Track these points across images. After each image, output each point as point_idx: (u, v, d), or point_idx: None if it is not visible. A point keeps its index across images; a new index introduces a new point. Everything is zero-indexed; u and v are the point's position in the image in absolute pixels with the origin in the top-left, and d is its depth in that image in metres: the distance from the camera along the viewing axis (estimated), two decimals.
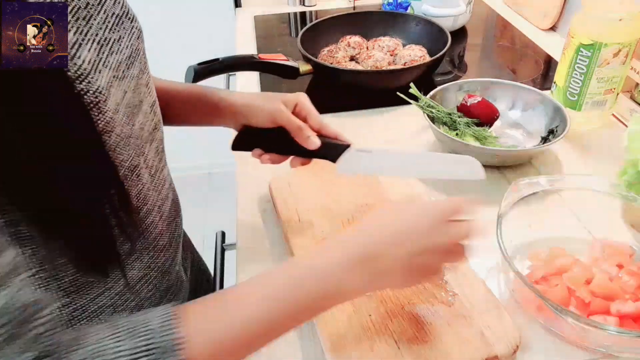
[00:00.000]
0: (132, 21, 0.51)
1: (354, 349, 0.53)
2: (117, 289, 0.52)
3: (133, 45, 0.50)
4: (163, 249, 0.59)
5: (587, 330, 0.51)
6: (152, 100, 0.55)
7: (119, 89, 0.46)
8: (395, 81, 0.97)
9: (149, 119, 0.54)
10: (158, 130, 0.57)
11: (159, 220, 0.57)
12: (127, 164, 0.49)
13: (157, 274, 0.59)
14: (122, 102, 0.47)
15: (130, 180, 0.50)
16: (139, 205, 0.52)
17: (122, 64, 0.47)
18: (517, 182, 0.65)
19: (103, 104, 0.43)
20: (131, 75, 0.49)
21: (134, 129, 0.50)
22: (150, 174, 0.54)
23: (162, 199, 0.58)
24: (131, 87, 0.49)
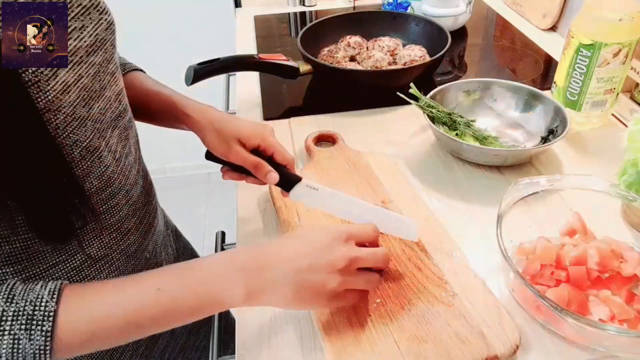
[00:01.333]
0: (102, 13, 0.53)
1: (354, 349, 0.53)
2: (73, 263, 0.55)
3: (99, 35, 0.52)
4: (128, 232, 0.61)
5: (587, 330, 0.51)
6: (117, 89, 0.58)
7: (72, 72, 0.48)
8: (395, 81, 0.97)
9: (112, 107, 0.56)
10: (123, 119, 0.59)
11: (124, 203, 0.59)
12: (84, 144, 0.51)
13: (120, 257, 0.61)
14: (75, 85, 0.49)
15: (88, 160, 0.52)
16: (101, 185, 0.55)
17: (81, 50, 0.50)
18: (517, 182, 0.65)
19: (44, 83, 0.45)
20: (91, 62, 0.51)
21: (92, 112, 0.52)
22: (115, 157, 0.57)
23: (130, 184, 0.60)
24: (90, 73, 0.51)
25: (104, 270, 0.59)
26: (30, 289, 0.44)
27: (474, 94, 0.90)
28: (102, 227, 0.57)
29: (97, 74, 0.53)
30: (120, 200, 0.58)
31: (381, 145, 0.86)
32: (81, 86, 0.50)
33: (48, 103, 0.46)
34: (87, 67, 0.51)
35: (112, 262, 0.60)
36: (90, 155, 0.52)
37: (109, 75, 0.55)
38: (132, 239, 0.62)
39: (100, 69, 0.53)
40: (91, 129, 0.52)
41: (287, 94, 1.04)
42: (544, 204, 0.67)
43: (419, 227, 0.63)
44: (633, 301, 0.57)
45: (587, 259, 0.58)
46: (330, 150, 0.82)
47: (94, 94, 0.52)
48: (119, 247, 0.60)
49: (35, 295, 0.44)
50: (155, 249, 0.70)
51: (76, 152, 0.50)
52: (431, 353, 0.52)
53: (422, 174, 0.80)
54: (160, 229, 0.73)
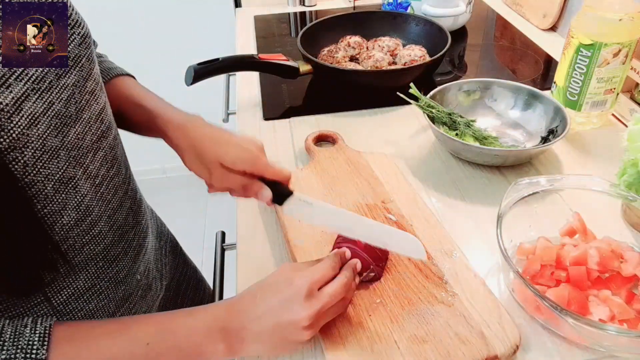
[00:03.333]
0: (73, 27, 0.49)
1: (354, 349, 0.53)
2: (59, 299, 0.52)
3: (71, 52, 0.48)
4: (115, 259, 0.58)
5: (587, 330, 0.50)
6: (99, 108, 0.53)
7: (40, 101, 0.44)
8: (395, 81, 0.97)
9: (92, 128, 0.52)
10: (106, 139, 0.55)
11: (108, 230, 0.56)
12: (57, 177, 0.47)
13: (109, 285, 0.58)
14: (44, 115, 0.44)
15: (63, 193, 0.48)
16: (79, 217, 0.51)
17: (50, 74, 0.45)
18: (517, 182, 0.65)
19: (6, 121, 0.41)
20: (63, 85, 0.47)
21: (67, 140, 0.48)
22: (95, 183, 0.53)
23: (113, 208, 0.56)
24: (63, 98, 0.47)
25: (92, 300, 0.56)
26: (20, 333, 0.44)
27: (474, 94, 0.90)
28: (87, 258, 0.53)
29: (71, 97, 0.48)
30: (103, 227, 0.54)
31: (381, 145, 0.86)
32: (52, 114, 0.45)
33: (12, 142, 0.41)
34: (58, 92, 0.46)
35: (101, 291, 0.57)
36: (64, 187, 0.48)
37: (87, 94, 0.51)
38: (120, 265, 0.59)
39: (74, 90, 0.48)
40: (65, 159, 0.47)
41: (287, 94, 1.04)
42: (544, 204, 0.67)
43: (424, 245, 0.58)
44: (633, 301, 0.57)
45: (587, 259, 0.58)
46: (330, 150, 0.82)
47: (68, 120, 0.48)
48: (107, 275, 0.57)
49: (25, 342, 0.43)
50: (148, 267, 0.67)
51: (49, 187, 0.46)
52: (431, 353, 0.52)
53: (422, 174, 0.80)
54: (152, 246, 0.70)
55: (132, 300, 0.63)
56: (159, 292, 0.72)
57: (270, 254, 0.67)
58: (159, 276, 0.73)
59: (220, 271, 0.77)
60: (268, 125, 0.94)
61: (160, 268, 0.74)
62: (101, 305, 0.57)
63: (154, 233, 0.73)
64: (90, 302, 0.56)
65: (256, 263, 0.66)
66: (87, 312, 0.56)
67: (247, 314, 0.50)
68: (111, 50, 0.75)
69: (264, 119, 0.96)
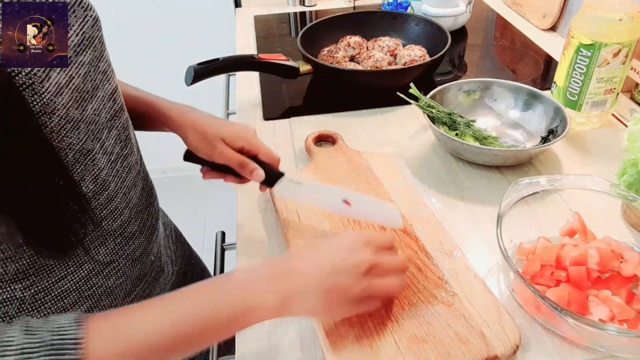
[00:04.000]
0: (86, 10, 0.52)
1: (354, 349, 0.53)
2: (81, 273, 0.54)
3: (86, 33, 0.51)
4: (132, 236, 0.60)
5: (587, 330, 0.50)
6: (111, 89, 0.56)
7: (63, 73, 0.47)
8: (395, 81, 0.97)
9: (106, 107, 0.55)
10: (119, 118, 0.58)
11: (124, 207, 0.58)
12: (78, 147, 0.50)
13: (127, 262, 0.60)
14: (67, 86, 0.48)
15: (82, 164, 0.51)
16: (97, 189, 0.53)
17: (69, 50, 0.48)
18: (517, 182, 0.65)
19: (39, 85, 0.44)
20: (81, 61, 0.50)
21: (86, 114, 0.51)
22: (110, 160, 0.55)
23: (127, 186, 0.59)
24: (80, 73, 0.50)
25: (111, 276, 0.58)
26: (51, 319, 0.41)
27: (474, 94, 0.90)
28: (106, 233, 0.56)
29: (87, 74, 0.51)
30: (120, 204, 0.57)
31: (381, 145, 0.86)
32: (73, 87, 0.49)
33: (43, 106, 0.45)
34: (77, 68, 0.50)
35: (119, 267, 0.59)
36: (83, 158, 0.51)
37: (100, 74, 0.54)
38: (137, 243, 0.62)
39: (90, 68, 0.52)
40: (85, 131, 0.51)
41: (287, 94, 1.04)
42: (544, 204, 0.67)
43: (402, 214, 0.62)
44: (633, 301, 0.57)
45: (587, 259, 0.58)
46: (330, 150, 0.82)
47: (86, 95, 0.51)
48: (125, 252, 0.59)
49: (57, 325, 0.41)
50: (160, 250, 0.70)
51: (70, 156, 0.49)
52: (431, 353, 0.52)
53: (422, 174, 0.80)
54: (162, 231, 0.73)
55: (146, 281, 0.65)
56: (170, 277, 0.74)
57: (270, 254, 0.67)
58: (170, 261, 0.75)
59: (221, 271, 0.77)
60: (268, 125, 0.94)
61: (170, 254, 0.77)
62: (119, 282, 0.59)
63: (161, 221, 0.75)
64: (109, 279, 0.58)
65: (256, 263, 0.66)
66: (106, 289, 0.58)
67: (304, 260, 0.49)
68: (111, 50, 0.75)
69: (264, 119, 0.96)
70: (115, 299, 0.60)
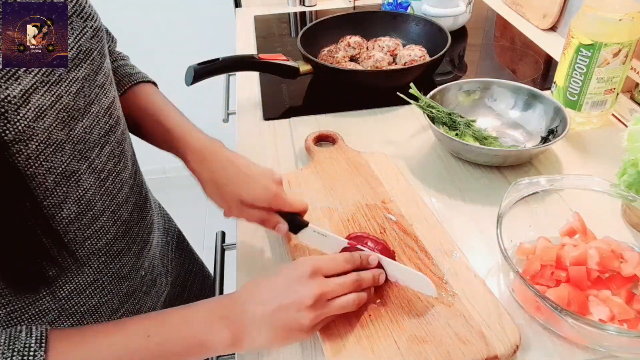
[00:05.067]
0: (87, 20, 0.49)
1: (354, 349, 0.53)
2: (62, 293, 0.52)
3: (82, 45, 0.48)
4: (119, 254, 0.57)
5: (587, 330, 0.50)
6: (107, 102, 0.53)
7: (49, 94, 0.44)
8: (395, 81, 0.97)
9: (100, 122, 0.51)
10: (114, 133, 0.54)
11: (111, 225, 0.55)
12: (60, 170, 0.46)
13: (112, 280, 0.57)
14: (52, 107, 0.44)
15: (65, 186, 0.47)
16: (80, 210, 0.50)
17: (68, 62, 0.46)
18: (517, 182, 0.65)
19: (12, 113, 0.40)
20: (73, 78, 0.46)
21: (74, 133, 0.47)
22: (100, 178, 0.52)
23: (118, 203, 0.56)
24: (72, 91, 0.46)
25: (95, 295, 0.55)
26: (16, 337, 0.43)
27: (474, 94, 0.90)
28: (89, 252, 0.53)
29: (80, 90, 0.47)
30: (106, 222, 0.54)
31: (381, 145, 0.86)
32: (60, 107, 0.45)
33: (18, 134, 0.41)
34: (67, 85, 0.46)
35: (104, 286, 0.56)
36: (66, 180, 0.47)
37: (97, 88, 0.50)
38: (124, 261, 0.58)
39: (84, 84, 0.48)
40: (70, 152, 0.47)
41: (287, 94, 1.04)
42: (544, 204, 0.67)
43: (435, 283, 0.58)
44: (633, 301, 0.57)
45: (587, 259, 0.58)
46: (330, 150, 0.82)
47: (76, 114, 0.47)
48: (110, 270, 0.56)
49: (22, 345, 0.42)
50: (153, 263, 0.67)
51: (50, 180, 0.45)
52: (431, 353, 0.52)
53: (422, 174, 0.80)
54: (157, 242, 0.70)
55: (136, 296, 0.63)
56: (164, 288, 0.72)
57: (270, 254, 0.67)
58: (165, 272, 0.72)
59: (221, 271, 0.77)
60: (268, 125, 0.94)
61: (166, 264, 0.74)
62: (104, 300, 0.57)
63: (160, 229, 0.73)
64: (93, 297, 0.55)
65: (256, 263, 0.66)
66: (90, 307, 0.55)
67: (251, 299, 0.50)
68: None
69: (264, 119, 0.96)
70: (100, 316, 0.58)
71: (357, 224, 0.68)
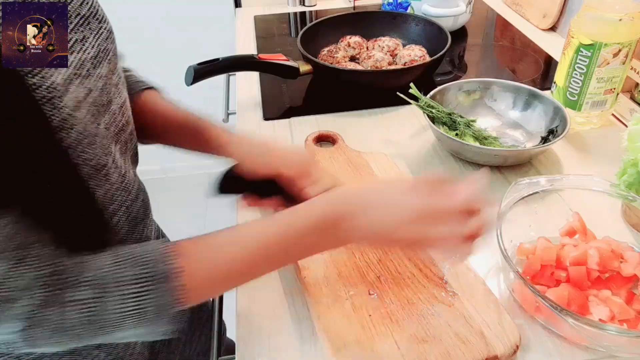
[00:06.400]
0: (101, 22, 0.51)
1: (354, 349, 0.53)
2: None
3: (101, 45, 0.50)
4: None
5: (587, 330, 0.51)
6: (121, 101, 0.56)
7: (82, 87, 0.46)
8: (395, 81, 0.97)
9: (116, 120, 0.54)
10: (125, 132, 0.57)
11: (125, 220, 0.57)
12: (93, 163, 0.48)
13: None
14: (85, 100, 0.47)
15: (96, 179, 0.49)
16: (105, 204, 0.52)
17: (87, 62, 0.48)
18: (517, 182, 0.65)
19: (58, 99, 0.43)
20: (98, 74, 0.49)
21: (100, 128, 0.49)
22: (120, 174, 0.54)
23: (131, 199, 0.58)
24: (98, 86, 0.49)
25: None
26: (144, 248, 0.45)
27: (474, 94, 0.90)
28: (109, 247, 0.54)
29: (104, 87, 0.50)
30: (122, 217, 0.56)
31: (381, 145, 0.86)
32: (91, 101, 0.48)
33: (61, 121, 0.43)
34: (95, 80, 0.49)
35: None
36: (97, 173, 0.49)
37: (113, 87, 0.53)
38: None
39: (106, 81, 0.51)
40: (100, 146, 0.49)
41: (287, 94, 1.04)
42: (544, 204, 0.67)
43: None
44: (633, 301, 0.57)
45: (587, 259, 0.58)
46: (330, 150, 0.82)
47: (101, 109, 0.50)
48: None
49: (151, 250, 0.44)
50: None
51: (84, 171, 0.47)
52: (431, 353, 0.52)
53: (422, 174, 0.80)
54: (156, 238, 0.71)
55: None
56: None
57: None
58: None
59: None
60: (268, 125, 0.94)
61: None
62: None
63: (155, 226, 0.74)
64: None
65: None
66: None
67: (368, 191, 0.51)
68: None
69: (264, 119, 0.96)
70: None
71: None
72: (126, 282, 0.42)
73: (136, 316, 0.42)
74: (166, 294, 0.43)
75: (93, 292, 0.41)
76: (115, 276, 0.42)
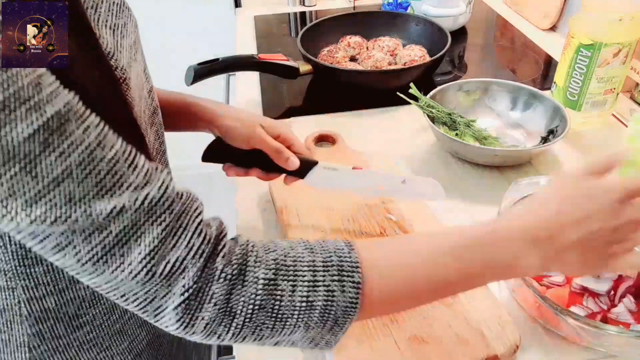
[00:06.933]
0: (129, 10, 0.53)
1: (354, 349, 0.53)
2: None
3: (134, 32, 0.53)
4: None
5: (587, 330, 0.50)
6: (149, 87, 0.57)
7: (133, 70, 0.48)
8: (395, 81, 0.97)
9: (148, 104, 0.56)
10: (157, 116, 0.59)
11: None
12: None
13: None
14: (135, 84, 0.48)
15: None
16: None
17: (132, 47, 0.49)
18: (517, 182, 0.65)
19: (129, 80, 0.45)
20: (138, 59, 0.51)
21: (140, 110, 0.51)
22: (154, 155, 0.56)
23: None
24: (139, 71, 0.51)
25: None
26: (325, 242, 0.44)
27: (474, 94, 0.90)
28: None
29: (142, 72, 0.53)
30: None
31: (381, 145, 0.86)
32: (139, 84, 0.50)
33: (132, 100, 0.45)
34: (137, 65, 0.50)
35: None
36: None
37: (144, 73, 0.55)
38: None
39: (143, 66, 0.54)
40: (143, 127, 0.51)
41: (287, 94, 1.04)
42: None
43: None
44: None
45: None
46: (330, 150, 0.82)
47: (141, 92, 0.52)
48: None
49: (334, 247, 0.44)
50: None
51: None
52: (431, 353, 0.52)
53: (422, 174, 0.80)
54: None
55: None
56: None
57: None
58: None
59: None
60: None
61: None
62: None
63: None
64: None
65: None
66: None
67: (560, 224, 0.46)
68: None
69: None
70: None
71: (357, 223, 0.68)
72: (317, 266, 0.42)
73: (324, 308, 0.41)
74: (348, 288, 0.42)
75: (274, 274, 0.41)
76: (307, 260, 0.42)
